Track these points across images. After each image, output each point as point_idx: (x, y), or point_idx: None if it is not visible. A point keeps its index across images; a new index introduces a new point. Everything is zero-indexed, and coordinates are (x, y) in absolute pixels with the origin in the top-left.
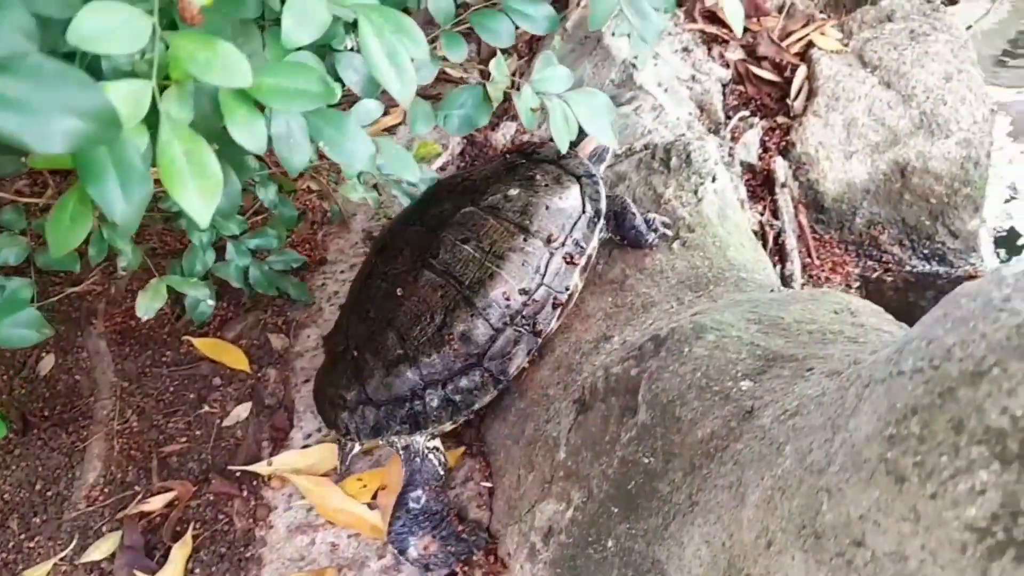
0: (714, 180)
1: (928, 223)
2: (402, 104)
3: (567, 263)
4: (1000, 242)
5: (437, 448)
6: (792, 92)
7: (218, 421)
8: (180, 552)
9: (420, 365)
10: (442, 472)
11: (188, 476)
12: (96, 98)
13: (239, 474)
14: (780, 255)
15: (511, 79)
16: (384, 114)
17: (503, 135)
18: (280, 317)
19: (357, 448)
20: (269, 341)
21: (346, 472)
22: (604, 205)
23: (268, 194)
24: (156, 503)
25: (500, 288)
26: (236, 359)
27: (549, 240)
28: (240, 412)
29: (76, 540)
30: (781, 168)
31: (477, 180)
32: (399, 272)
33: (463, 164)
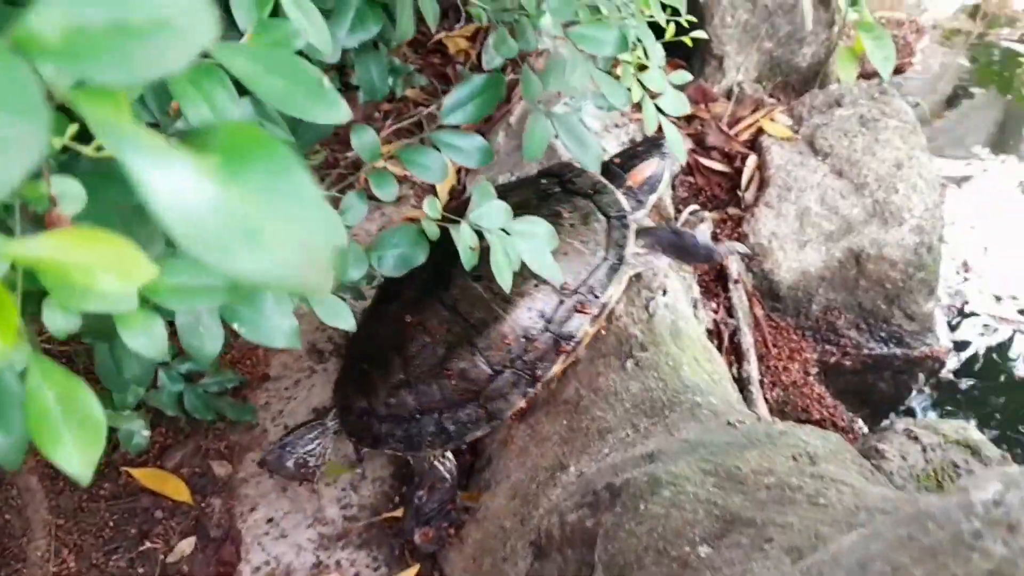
0: (665, 293)
1: (884, 307)
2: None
3: (577, 311)
4: (954, 324)
5: (447, 457)
6: (743, 183)
7: (162, 557)
8: None
9: (419, 392)
10: (447, 477)
11: None
12: None
13: None
14: (736, 355)
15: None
16: None
17: None
18: (222, 441)
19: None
20: (211, 468)
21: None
22: (630, 251)
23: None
24: None
25: (503, 332)
26: (177, 490)
27: (562, 288)
28: (184, 547)
29: None
30: (734, 263)
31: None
32: (412, 297)
33: None
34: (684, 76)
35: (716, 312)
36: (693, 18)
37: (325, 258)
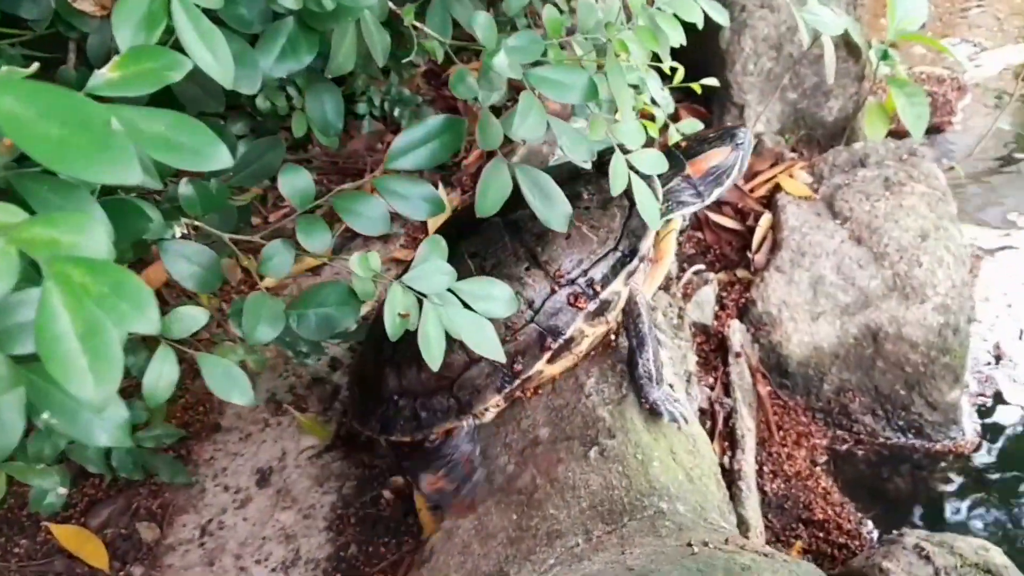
0: None
1: (903, 393)
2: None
3: (570, 304)
4: (983, 412)
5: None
6: (754, 243)
7: None
8: None
9: (400, 375)
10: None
11: None
12: None
13: None
14: (730, 442)
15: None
16: None
17: None
18: (156, 499)
19: None
20: (138, 531)
21: None
22: (646, 245)
23: (137, 359)
24: None
25: None
26: (95, 554)
27: (556, 274)
28: None
29: None
30: (737, 333)
31: None
32: None
33: None
34: (695, 125)
35: (712, 389)
36: (676, 64)
37: None
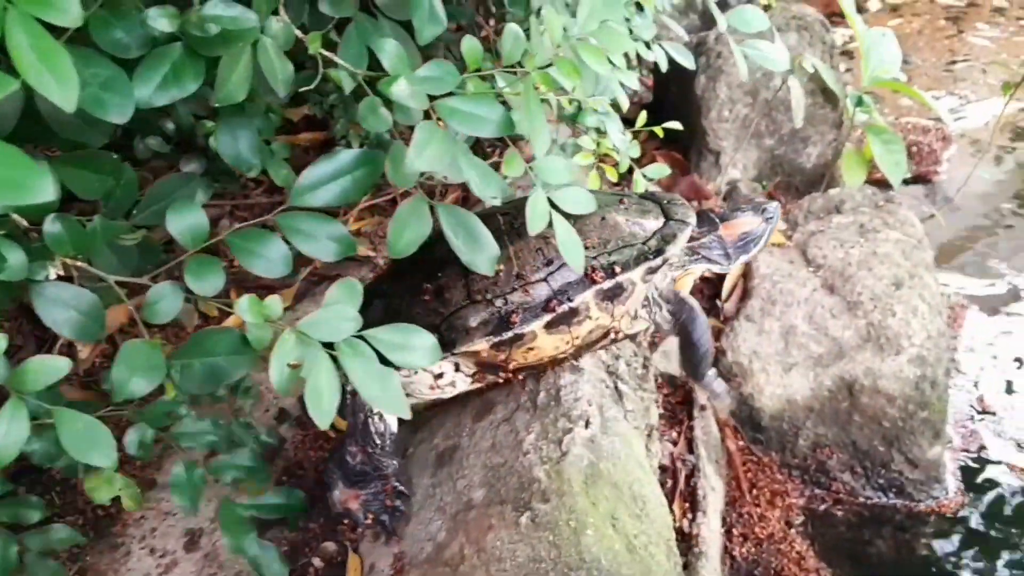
0: (587, 426)
1: (882, 449)
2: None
3: (586, 275)
4: (967, 469)
5: (382, 415)
6: (724, 291)
7: None
8: None
9: (389, 305)
10: (377, 439)
11: None
12: None
13: None
14: (691, 502)
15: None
16: None
17: None
18: (75, 564)
19: None
20: None
21: None
22: (672, 252)
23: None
24: None
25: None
26: None
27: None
28: None
29: None
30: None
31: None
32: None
33: None
34: (662, 170)
35: (675, 444)
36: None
37: None
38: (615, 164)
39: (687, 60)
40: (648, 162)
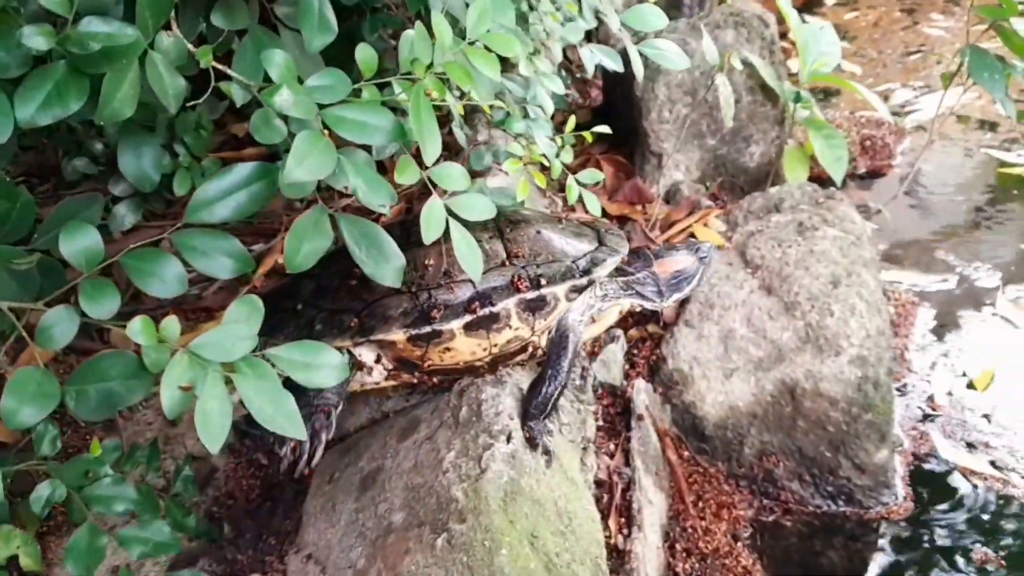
0: (509, 441)
1: (829, 455)
2: None
3: (512, 283)
4: (918, 473)
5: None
6: None
7: None
8: None
9: (320, 285)
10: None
11: None
12: None
13: None
14: (627, 517)
15: None
16: None
17: None
18: None
19: None
20: None
21: None
22: (599, 275)
23: None
24: None
25: (429, 254)
26: None
27: (513, 252)
28: None
29: None
30: (641, 394)
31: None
32: None
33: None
34: (595, 175)
35: (612, 457)
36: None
37: None
38: (546, 171)
39: (615, 63)
40: (593, 166)
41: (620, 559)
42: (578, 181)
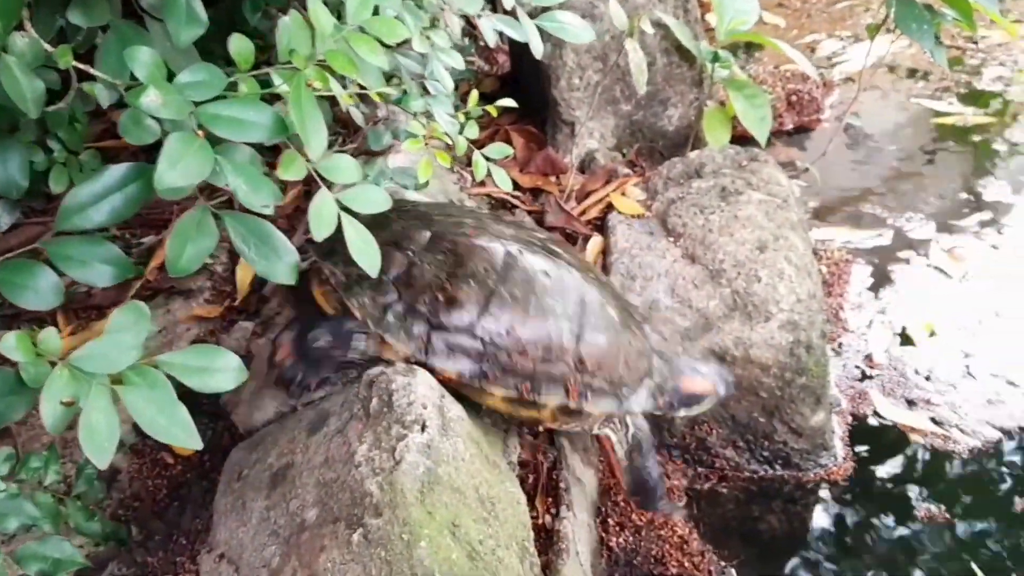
0: (424, 430)
1: (763, 420)
2: None
3: (564, 385)
4: (857, 435)
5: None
6: None
7: None
8: None
9: (418, 271)
10: (351, 354)
11: None
12: None
13: None
14: (555, 497)
15: None
16: None
17: None
18: None
19: None
20: None
21: None
22: (638, 412)
23: None
24: None
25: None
26: None
27: (581, 359)
28: None
29: None
30: None
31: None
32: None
33: None
34: (503, 150)
35: (536, 436)
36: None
37: None
38: (450, 148)
39: (518, 33)
40: (502, 138)
41: (548, 539)
42: (485, 156)
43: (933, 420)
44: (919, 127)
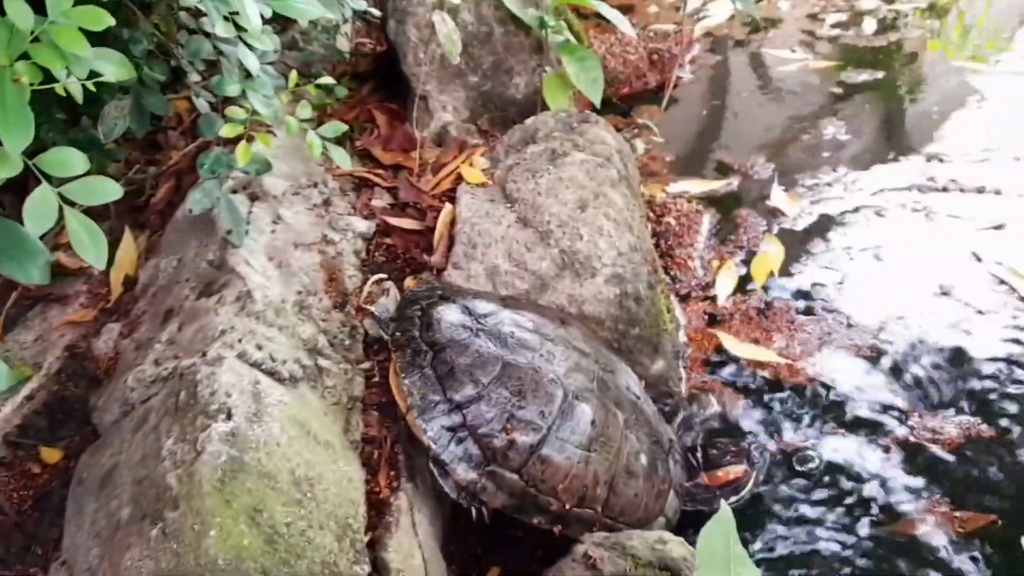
0: (229, 418)
1: None
2: None
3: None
4: (707, 370)
5: None
6: (435, 242)
7: None
8: None
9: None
10: None
11: None
12: None
13: None
14: (396, 470)
15: None
16: None
17: None
18: None
19: None
20: None
21: None
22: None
23: None
24: None
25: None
26: None
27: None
28: None
29: None
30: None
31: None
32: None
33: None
34: (338, 128)
35: (378, 411)
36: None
37: None
38: (270, 131)
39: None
40: (366, 116)
41: (380, 512)
42: (321, 136)
43: (780, 353)
44: (768, 76)
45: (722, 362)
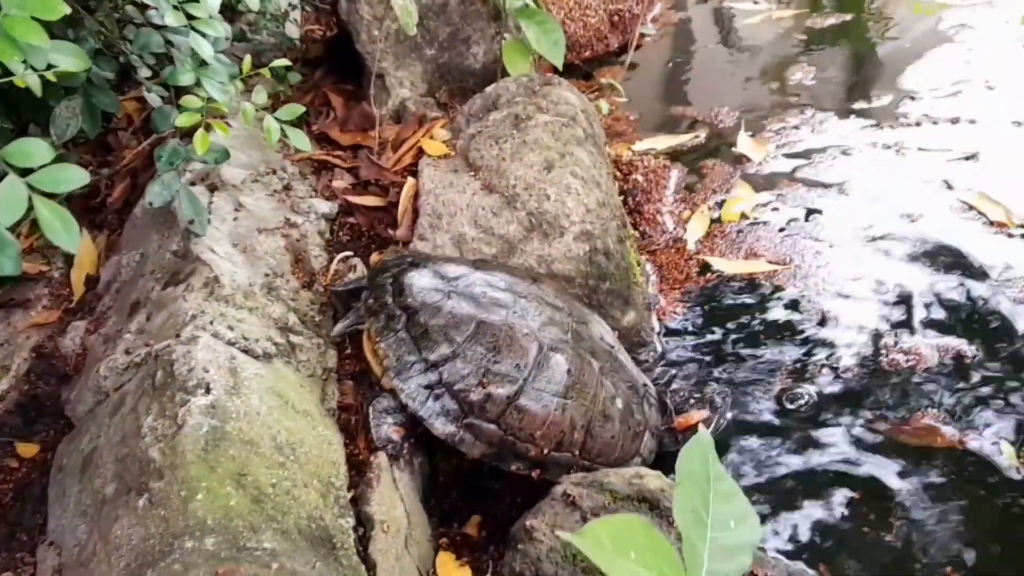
0: (209, 391)
1: None
2: None
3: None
4: (670, 330)
5: None
6: (399, 216)
7: None
8: None
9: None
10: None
11: None
12: None
13: None
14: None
15: None
16: None
17: None
18: None
19: None
20: None
21: None
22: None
23: None
24: None
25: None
26: None
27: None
28: None
29: None
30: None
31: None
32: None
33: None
34: (295, 110)
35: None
36: None
37: None
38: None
39: None
40: (321, 99)
41: (361, 472)
42: (278, 119)
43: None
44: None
45: (693, 316)
